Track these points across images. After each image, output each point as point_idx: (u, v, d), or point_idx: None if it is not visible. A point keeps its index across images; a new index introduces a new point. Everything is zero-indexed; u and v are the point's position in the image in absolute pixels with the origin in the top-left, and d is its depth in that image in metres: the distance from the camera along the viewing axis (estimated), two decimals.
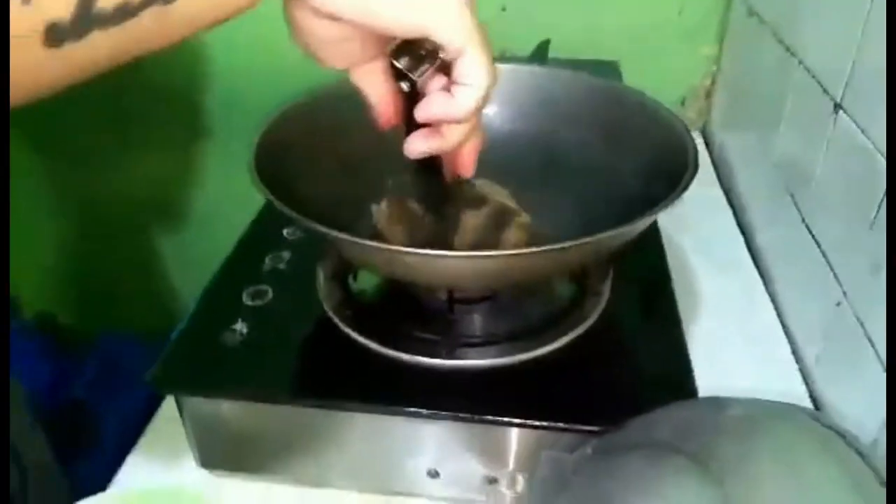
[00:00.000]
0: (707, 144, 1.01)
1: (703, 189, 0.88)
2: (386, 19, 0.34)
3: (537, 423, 0.45)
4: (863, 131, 0.54)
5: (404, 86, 0.38)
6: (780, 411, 0.37)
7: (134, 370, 1.42)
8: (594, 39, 0.99)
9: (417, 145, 0.41)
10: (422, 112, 0.39)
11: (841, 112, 0.58)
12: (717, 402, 0.38)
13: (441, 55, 0.36)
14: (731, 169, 0.91)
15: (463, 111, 0.37)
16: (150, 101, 1.10)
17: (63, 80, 0.28)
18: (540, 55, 0.93)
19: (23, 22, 0.25)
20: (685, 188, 0.44)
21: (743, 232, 0.81)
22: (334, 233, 0.41)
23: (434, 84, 0.38)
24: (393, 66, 0.38)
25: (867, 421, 0.50)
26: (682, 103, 1.04)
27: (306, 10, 0.35)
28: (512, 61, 0.96)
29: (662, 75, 1.01)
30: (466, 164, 0.45)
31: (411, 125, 0.41)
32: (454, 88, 0.37)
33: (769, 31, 0.78)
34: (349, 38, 0.37)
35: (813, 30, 0.66)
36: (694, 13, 0.97)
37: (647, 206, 0.46)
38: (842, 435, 0.34)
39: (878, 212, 0.51)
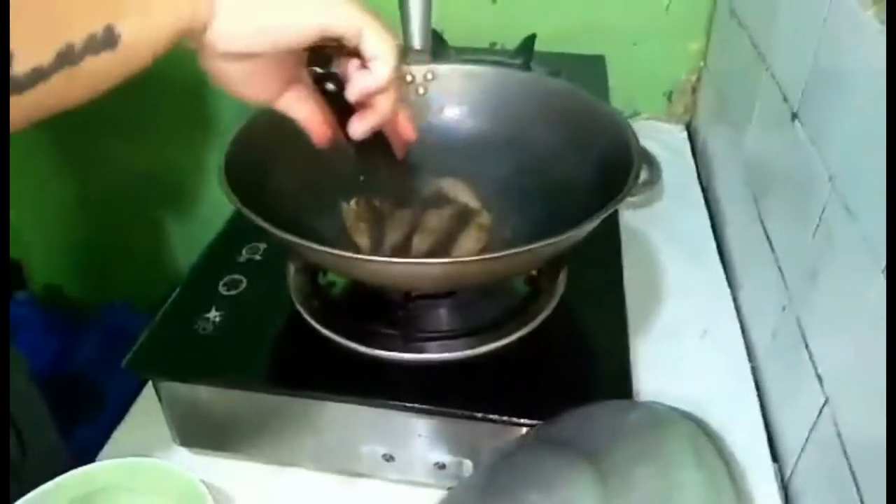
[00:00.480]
0: (691, 139, 1.02)
1: (682, 184, 0.92)
2: (286, 35, 0.38)
3: (481, 415, 0.49)
4: (812, 142, 0.56)
5: (330, 85, 0.43)
6: (671, 419, 0.40)
7: (136, 339, 1.47)
8: (582, 33, 1.01)
9: (359, 126, 0.46)
10: (351, 92, 0.43)
11: (797, 121, 0.60)
12: (625, 406, 0.42)
13: (346, 44, 0.40)
14: (710, 165, 0.93)
15: (383, 79, 0.41)
16: (163, 89, 1.13)
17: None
18: (526, 49, 0.94)
19: None
20: (620, 200, 0.47)
21: (714, 230, 0.84)
22: (292, 239, 0.44)
23: (352, 69, 0.42)
24: (313, 74, 0.43)
25: (798, 429, 0.53)
26: (669, 98, 1.05)
27: (217, 59, 0.39)
28: (499, 54, 0.98)
29: (649, 70, 1.03)
30: (407, 130, 0.50)
31: (345, 126, 0.46)
32: (369, 64, 0.41)
33: (746, 34, 0.79)
34: (261, 72, 0.41)
35: (780, 39, 0.68)
36: (681, 9, 0.98)
37: (604, 204, 0.49)
38: (717, 442, 0.38)
39: (818, 223, 0.53)
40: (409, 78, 0.66)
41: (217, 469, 0.56)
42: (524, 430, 0.48)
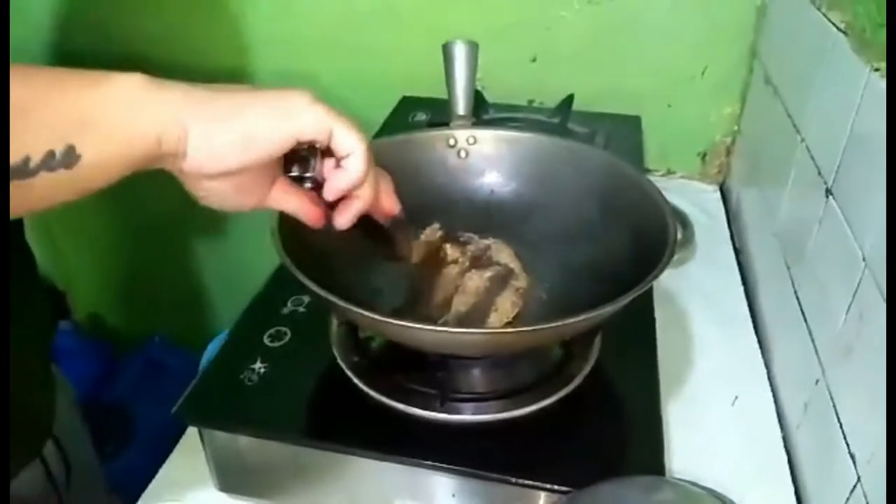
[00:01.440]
0: (725, 200, 1.04)
1: (715, 245, 0.93)
2: (261, 148, 0.40)
3: (514, 479, 0.50)
4: (846, 220, 0.57)
5: (308, 185, 0.46)
6: (701, 500, 0.41)
7: (172, 374, 1.51)
8: (619, 93, 1.03)
9: (344, 218, 0.48)
10: (329, 193, 0.45)
11: (831, 197, 0.61)
12: (657, 485, 0.43)
13: (318, 146, 0.43)
14: (743, 228, 0.93)
15: (357, 175, 0.44)
16: None
17: None
18: (564, 108, 0.97)
19: None
20: (655, 276, 0.48)
21: (747, 293, 0.84)
22: (333, 299, 0.47)
23: (327, 167, 0.45)
24: (291, 178, 0.45)
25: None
26: (703, 159, 1.07)
27: (201, 180, 0.41)
28: (537, 112, 1.01)
29: (684, 131, 1.05)
30: (388, 206, 0.51)
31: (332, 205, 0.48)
32: (342, 162, 0.43)
33: (780, 103, 0.81)
34: (245, 183, 0.42)
35: (815, 112, 0.69)
36: (717, 73, 1.00)
37: (637, 274, 0.51)
38: None
39: (852, 301, 0.54)
40: (451, 142, 0.69)
41: None
42: (555, 496, 0.49)
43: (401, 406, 0.55)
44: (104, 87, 0.35)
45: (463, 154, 0.69)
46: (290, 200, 0.47)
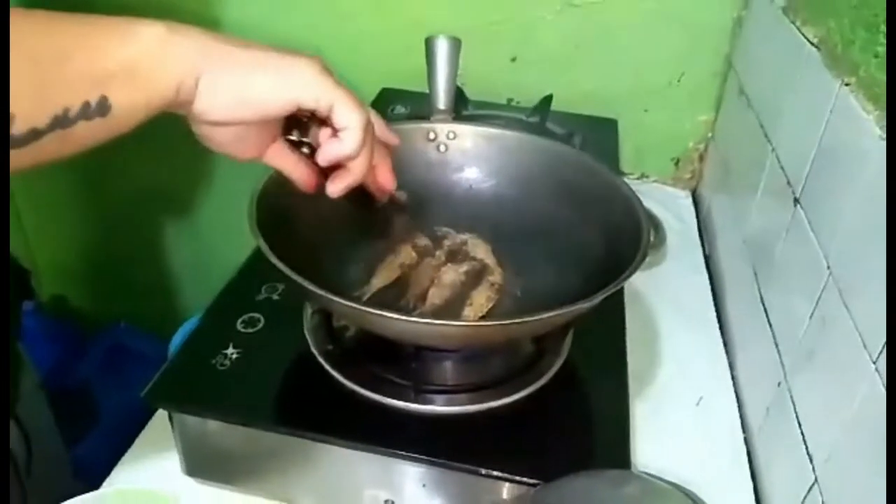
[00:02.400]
0: (696, 206, 1.06)
1: (686, 249, 0.95)
2: (263, 108, 0.42)
3: (484, 471, 0.51)
4: (812, 228, 0.59)
5: (305, 150, 0.48)
6: (666, 493, 0.42)
7: (138, 359, 1.49)
8: (596, 96, 1.05)
9: (335, 186, 0.49)
10: (322, 159, 0.47)
11: (798, 206, 0.63)
12: (623, 478, 0.44)
13: (318, 115, 0.44)
14: (714, 234, 0.96)
15: (352, 148, 0.45)
16: None
17: None
18: (543, 108, 0.98)
19: None
20: (628, 276, 0.49)
21: (715, 298, 0.86)
22: (317, 290, 0.47)
23: (323, 135, 0.47)
24: (288, 141, 0.48)
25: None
26: (676, 164, 1.09)
27: (205, 125, 0.43)
28: (516, 111, 1.02)
29: (659, 136, 1.07)
30: (384, 181, 0.54)
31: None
32: (339, 134, 0.45)
33: (754, 114, 0.83)
34: (245, 135, 0.46)
35: (786, 125, 0.71)
36: (693, 81, 1.02)
37: (610, 273, 0.52)
38: None
39: (815, 307, 0.56)
40: (431, 136, 0.69)
41: (220, 500, 0.58)
42: (524, 488, 0.50)
43: (373, 395, 0.55)
44: (130, 39, 0.38)
45: (442, 148, 0.70)
46: (287, 161, 0.50)
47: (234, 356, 0.59)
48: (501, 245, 0.66)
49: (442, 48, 0.69)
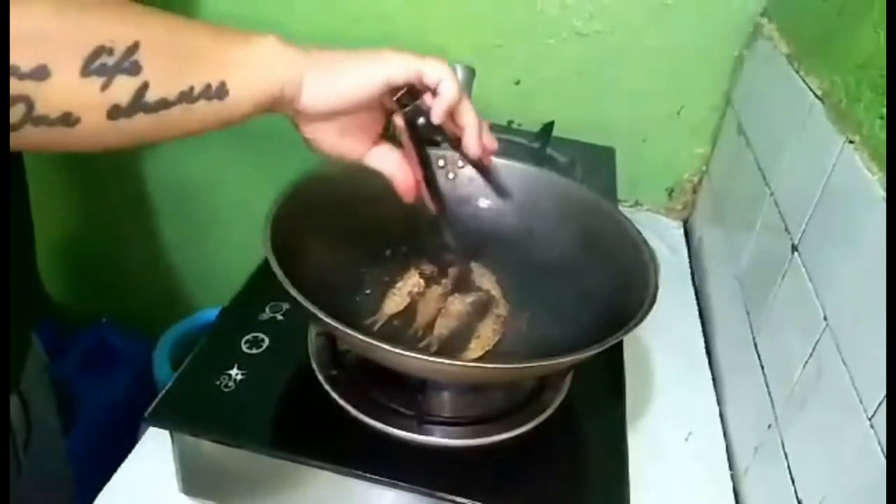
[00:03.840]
0: (687, 237, 1.08)
1: (677, 281, 0.96)
2: (358, 90, 0.48)
3: None
4: (810, 277, 0.61)
5: (422, 119, 0.51)
6: None
7: (121, 360, 1.46)
8: (596, 124, 1.06)
9: (471, 144, 0.53)
10: (436, 114, 0.50)
11: (796, 254, 0.65)
12: None
13: (414, 84, 0.50)
14: (705, 267, 0.98)
15: (452, 93, 0.50)
16: None
17: (113, 144, 0.40)
18: (544, 134, 0.99)
19: (96, 100, 0.37)
20: (636, 324, 0.51)
21: (704, 331, 0.88)
22: (317, 312, 0.47)
23: (429, 101, 0.51)
24: (405, 114, 0.51)
25: None
26: (670, 195, 1.11)
27: (310, 122, 0.49)
28: (518, 134, 1.03)
29: (655, 166, 1.09)
30: (489, 144, 0.56)
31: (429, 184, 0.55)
32: (437, 89, 0.50)
33: (752, 154, 0.85)
34: (349, 132, 0.51)
35: (786, 170, 0.73)
36: (692, 114, 1.04)
37: (615, 312, 0.53)
38: None
39: (810, 356, 0.58)
40: (441, 163, 0.70)
41: None
42: None
43: (377, 424, 0.56)
44: (250, 44, 0.44)
45: (451, 175, 0.70)
46: (389, 162, 0.54)
47: (239, 378, 0.59)
48: (507, 275, 0.67)
49: (458, 77, 0.70)
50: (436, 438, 0.56)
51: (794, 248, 0.66)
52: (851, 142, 0.58)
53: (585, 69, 1.04)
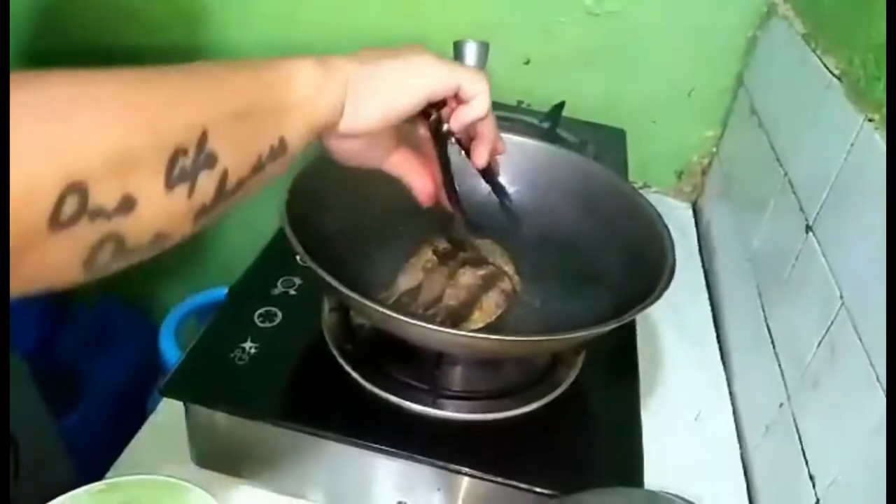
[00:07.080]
0: (696, 218, 1.07)
1: (686, 262, 0.96)
2: (400, 110, 0.45)
3: (501, 479, 0.52)
4: (825, 257, 0.61)
5: (446, 126, 0.50)
6: None
7: (125, 338, 1.46)
8: (606, 105, 1.06)
9: (479, 155, 0.53)
10: (456, 123, 0.49)
11: (811, 234, 0.65)
12: (638, 497, 0.45)
13: (448, 98, 0.48)
14: (713, 249, 0.97)
15: (482, 109, 0.48)
16: None
17: (191, 234, 0.36)
18: (555, 115, 0.99)
19: (184, 209, 0.33)
20: (655, 300, 0.51)
21: (713, 311, 0.88)
22: (333, 282, 0.48)
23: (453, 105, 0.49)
24: (430, 123, 0.49)
25: None
26: (679, 177, 1.10)
27: (343, 140, 0.46)
28: (528, 114, 1.02)
29: (664, 148, 1.08)
30: (501, 146, 0.55)
31: (446, 171, 0.53)
32: (470, 100, 0.48)
33: (765, 135, 0.84)
34: (374, 143, 0.48)
35: (801, 150, 0.73)
36: (703, 96, 1.04)
37: (630, 290, 0.53)
38: None
39: (825, 335, 0.58)
40: (453, 140, 0.70)
41: (228, 491, 0.58)
42: (538, 498, 0.51)
43: (391, 397, 0.56)
44: (293, 79, 0.40)
45: (463, 153, 0.70)
46: (409, 169, 0.52)
47: (253, 351, 0.59)
48: (520, 253, 0.66)
49: (471, 52, 0.69)
50: (449, 413, 0.56)
51: (809, 228, 0.65)
52: (871, 120, 0.57)
53: (597, 50, 1.03)
